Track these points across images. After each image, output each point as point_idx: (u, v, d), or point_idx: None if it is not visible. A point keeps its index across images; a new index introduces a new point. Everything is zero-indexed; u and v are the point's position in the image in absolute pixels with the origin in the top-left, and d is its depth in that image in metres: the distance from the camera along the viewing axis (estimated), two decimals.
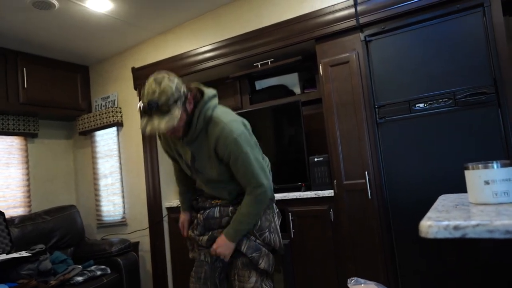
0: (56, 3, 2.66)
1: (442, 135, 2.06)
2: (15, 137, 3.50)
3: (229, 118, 1.55)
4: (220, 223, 1.70)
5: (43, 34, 3.12)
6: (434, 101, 2.08)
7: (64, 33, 3.14)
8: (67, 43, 3.35)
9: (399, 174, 2.18)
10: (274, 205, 1.81)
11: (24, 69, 3.28)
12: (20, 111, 3.33)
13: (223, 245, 1.63)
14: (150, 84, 1.44)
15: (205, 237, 1.72)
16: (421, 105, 2.12)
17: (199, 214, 1.78)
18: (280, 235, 1.78)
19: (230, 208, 1.69)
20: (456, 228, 0.72)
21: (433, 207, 1.01)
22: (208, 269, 1.76)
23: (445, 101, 2.06)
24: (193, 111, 1.53)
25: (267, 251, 1.70)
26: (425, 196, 2.08)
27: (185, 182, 1.92)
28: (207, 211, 1.73)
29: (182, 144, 1.64)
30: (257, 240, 1.67)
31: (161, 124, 1.40)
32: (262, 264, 1.66)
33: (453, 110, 2.04)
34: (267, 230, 1.70)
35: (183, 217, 1.92)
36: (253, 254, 1.65)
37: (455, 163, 2.01)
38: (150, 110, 1.41)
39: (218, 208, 1.71)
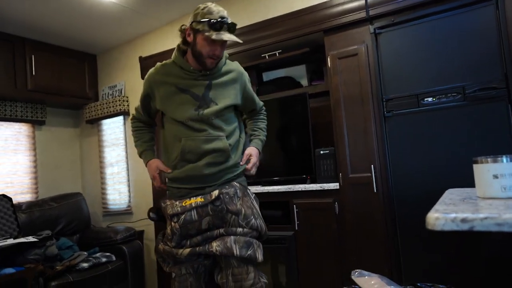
0: None
1: (451, 130, 2.04)
2: (23, 123, 3.53)
3: None
4: (199, 226, 1.57)
5: (51, 21, 3.12)
6: (443, 96, 2.06)
7: (72, 20, 3.15)
8: (75, 31, 3.35)
9: (405, 169, 2.17)
10: (249, 190, 1.77)
11: (32, 56, 3.30)
12: (28, 98, 3.36)
13: (258, 156, 1.77)
14: (216, 5, 1.55)
15: (186, 250, 1.56)
16: (430, 99, 2.10)
17: (172, 223, 1.57)
18: (263, 219, 1.73)
19: (210, 206, 1.56)
20: (464, 220, 0.71)
21: (440, 200, 1.00)
22: (193, 280, 1.63)
23: (454, 95, 2.03)
24: None
25: (257, 242, 1.64)
26: (431, 190, 2.06)
27: (147, 132, 1.86)
28: (182, 216, 1.55)
29: (195, 77, 1.62)
30: (245, 229, 1.59)
31: (237, 39, 1.56)
32: (260, 257, 1.61)
33: (462, 105, 2.01)
34: (252, 216, 1.64)
35: (155, 162, 1.74)
36: (249, 252, 1.57)
37: (463, 158, 1.99)
38: (232, 25, 1.54)
39: (194, 211, 1.56)
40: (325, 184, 2.44)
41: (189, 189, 1.64)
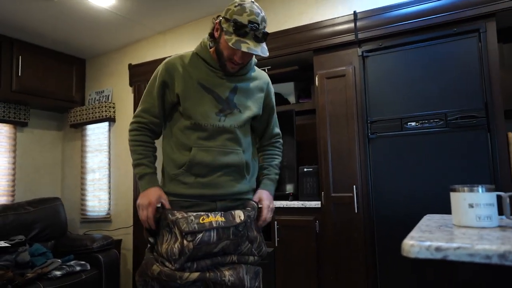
0: None
1: (432, 155, 2.08)
2: (4, 124, 3.45)
3: None
4: (212, 249, 1.31)
5: (42, 24, 3.10)
6: (426, 121, 2.11)
7: (64, 24, 3.12)
8: (65, 35, 3.33)
9: (386, 190, 2.19)
10: None
11: (20, 56, 3.25)
12: (12, 99, 3.29)
13: (270, 199, 1.50)
14: (252, 5, 1.32)
15: (195, 275, 1.28)
16: (413, 123, 2.15)
17: (185, 241, 1.26)
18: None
19: (232, 229, 1.32)
20: (437, 249, 0.72)
21: (417, 226, 1.02)
22: None
23: (436, 121, 2.08)
24: None
25: (260, 269, 1.49)
26: (410, 214, 2.09)
27: (153, 146, 1.50)
28: (199, 235, 1.26)
29: (220, 76, 1.42)
30: (255, 257, 1.44)
31: (265, 51, 1.34)
32: (261, 286, 1.47)
33: (443, 131, 2.06)
34: (262, 243, 1.49)
35: (159, 192, 1.39)
36: (256, 284, 1.41)
37: (442, 183, 2.03)
38: (262, 34, 1.31)
39: (214, 232, 1.29)
40: (307, 202, 2.45)
41: (196, 201, 1.40)
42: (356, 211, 2.26)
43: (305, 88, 2.96)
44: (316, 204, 2.40)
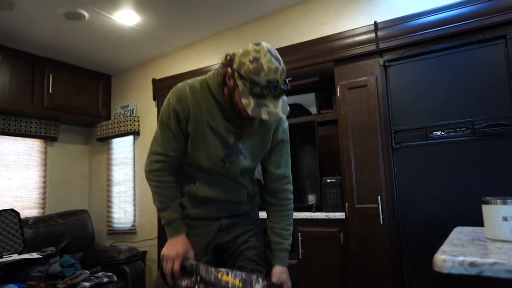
0: (86, 15, 2.76)
1: (459, 165, 2.03)
2: (36, 139, 3.59)
3: None
4: None
5: (72, 43, 3.24)
6: (452, 130, 2.07)
7: (91, 43, 3.26)
8: (93, 53, 3.47)
9: (413, 202, 2.15)
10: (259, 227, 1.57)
11: (51, 75, 3.40)
12: (43, 115, 3.44)
13: (288, 276, 1.40)
14: (271, 59, 1.14)
15: None
16: (438, 133, 2.11)
17: (196, 286, 1.25)
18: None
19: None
20: (472, 264, 0.71)
21: (448, 240, 1.00)
22: None
23: (463, 130, 2.04)
24: None
25: None
26: (439, 226, 2.04)
27: (177, 186, 1.40)
28: None
29: (230, 118, 1.31)
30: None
31: (285, 108, 1.19)
32: None
33: (471, 140, 2.01)
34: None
35: (177, 248, 1.31)
36: None
37: (472, 194, 1.97)
38: (281, 91, 1.16)
39: None
40: (330, 213, 2.43)
41: (201, 222, 1.42)
42: (381, 222, 2.22)
43: (326, 99, 2.96)
44: (340, 215, 2.38)
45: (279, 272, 1.40)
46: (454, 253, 0.77)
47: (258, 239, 1.51)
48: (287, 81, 1.19)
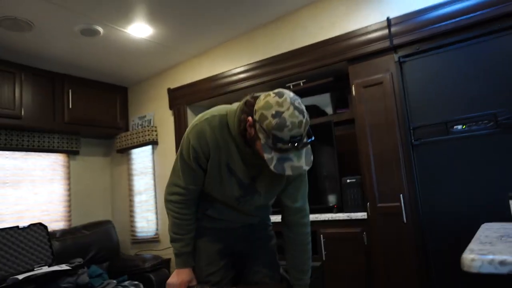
0: (101, 30, 2.84)
1: (483, 159, 1.98)
2: (59, 154, 3.70)
3: None
4: None
5: (88, 58, 3.33)
6: (474, 123, 2.02)
7: (107, 56, 3.34)
8: (109, 66, 3.55)
9: (436, 198, 2.10)
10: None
11: (70, 90, 3.50)
12: (64, 130, 3.54)
13: None
14: (293, 112, 1.08)
15: None
16: (459, 127, 2.06)
17: None
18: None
19: None
20: (502, 263, 0.69)
21: (475, 237, 0.97)
22: None
23: (485, 123, 1.98)
24: None
25: None
26: (465, 222, 1.99)
27: (194, 217, 1.42)
28: None
29: (248, 159, 1.29)
30: None
31: (308, 160, 1.15)
32: None
33: (494, 133, 1.96)
34: None
35: (188, 275, 1.38)
36: None
37: (497, 189, 1.91)
38: (304, 144, 1.12)
39: None
40: (352, 214, 2.40)
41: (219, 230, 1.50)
42: (405, 221, 2.18)
43: (341, 98, 2.94)
44: (362, 215, 2.35)
45: None
46: (483, 251, 0.75)
47: (272, 244, 1.57)
48: (310, 131, 1.14)
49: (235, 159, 1.27)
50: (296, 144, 1.09)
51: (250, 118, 1.15)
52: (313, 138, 1.14)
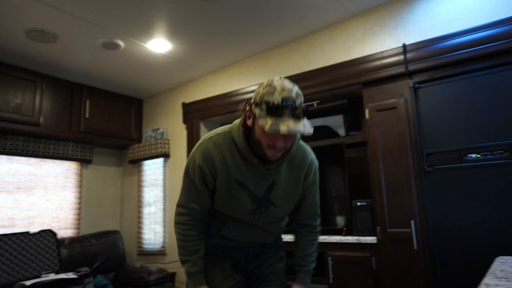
0: (122, 44, 2.93)
1: (497, 189, 1.96)
2: (72, 162, 3.76)
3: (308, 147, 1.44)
4: None
5: (107, 70, 3.42)
6: (489, 152, 2.01)
7: (125, 70, 3.43)
8: (127, 79, 3.64)
9: (448, 227, 2.08)
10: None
11: (87, 100, 3.59)
12: (80, 139, 3.61)
13: None
14: (283, 82, 1.15)
15: None
16: (474, 155, 2.05)
17: None
18: None
19: None
20: None
21: (490, 271, 0.96)
22: None
23: (500, 153, 1.97)
24: None
25: None
26: (477, 254, 1.95)
27: (201, 237, 1.41)
28: None
29: (258, 171, 1.27)
30: None
31: (306, 127, 1.13)
32: None
33: (509, 163, 1.94)
34: None
35: None
36: None
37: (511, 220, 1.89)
38: (301, 111, 1.13)
39: None
40: (361, 237, 2.38)
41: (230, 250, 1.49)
42: (415, 247, 2.15)
43: (354, 121, 2.95)
44: (371, 239, 2.33)
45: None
46: (499, 287, 0.75)
47: (282, 266, 1.56)
48: (305, 107, 1.16)
49: (245, 172, 1.27)
50: (289, 108, 1.10)
51: (247, 109, 1.21)
52: (307, 106, 1.16)
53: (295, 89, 1.15)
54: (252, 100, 1.18)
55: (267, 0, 2.48)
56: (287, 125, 1.08)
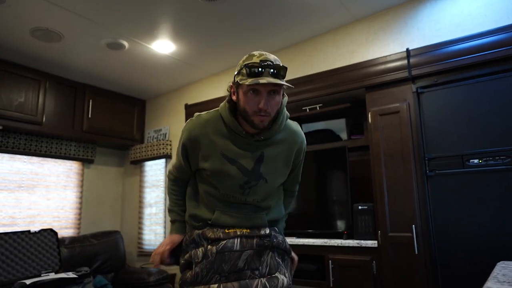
0: (127, 45, 2.94)
1: (499, 195, 1.96)
2: (74, 161, 3.77)
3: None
4: (236, 261, 1.27)
5: (111, 70, 3.43)
6: (490, 158, 2.01)
7: (129, 70, 3.44)
8: (130, 79, 3.65)
9: (449, 231, 2.07)
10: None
11: (90, 100, 3.60)
12: (82, 139, 3.62)
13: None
14: (261, 51, 1.25)
15: (214, 286, 1.24)
16: (476, 161, 2.05)
17: (209, 246, 1.29)
18: None
19: (255, 240, 1.32)
20: None
21: (492, 275, 0.96)
22: None
23: (502, 158, 1.97)
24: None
25: None
26: (479, 259, 1.95)
27: (182, 194, 1.50)
28: (223, 242, 1.28)
29: (247, 143, 1.32)
30: (286, 275, 1.37)
31: (287, 83, 1.22)
32: None
33: (511, 169, 1.94)
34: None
35: (173, 239, 1.43)
36: None
37: None
38: (281, 71, 1.20)
39: (238, 240, 1.30)
40: (362, 241, 2.37)
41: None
42: (416, 252, 2.15)
43: (356, 124, 2.95)
44: (372, 243, 2.32)
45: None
46: None
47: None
48: (284, 71, 1.22)
49: (233, 147, 1.32)
50: (268, 68, 1.18)
51: (232, 85, 1.29)
52: (286, 67, 1.22)
53: (274, 56, 1.24)
54: (234, 74, 1.27)
55: (271, 3, 2.49)
56: (266, 79, 1.16)
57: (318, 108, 2.87)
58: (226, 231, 1.31)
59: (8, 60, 3.08)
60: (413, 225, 2.19)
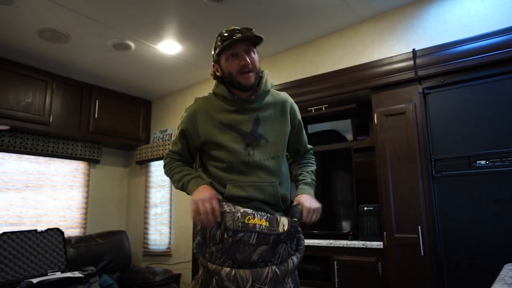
0: (133, 45, 2.96)
1: (506, 196, 1.94)
2: (81, 161, 3.80)
3: None
4: (251, 254, 1.28)
5: (117, 71, 3.46)
6: (498, 159, 1.99)
7: (135, 71, 3.46)
8: (136, 80, 3.67)
9: (456, 233, 2.06)
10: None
11: (97, 101, 3.62)
12: (88, 139, 3.64)
13: (314, 202, 1.41)
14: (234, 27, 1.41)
15: (227, 270, 1.25)
16: (483, 162, 2.04)
17: (225, 235, 1.26)
18: None
19: (273, 236, 1.28)
20: None
21: (499, 278, 0.95)
22: None
23: (510, 160, 1.96)
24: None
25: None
26: (486, 261, 1.94)
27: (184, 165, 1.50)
28: (240, 234, 1.25)
29: (242, 108, 1.40)
30: (295, 258, 1.37)
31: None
32: None
33: None
34: (302, 240, 1.50)
35: (207, 190, 1.32)
36: None
37: None
38: (246, 30, 1.37)
39: (255, 235, 1.26)
40: (368, 242, 2.37)
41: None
42: (422, 253, 2.14)
43: (362, 125, 2.94)
44: (378, 244, 2.32)
45: (299, 197, 1.45)
46: None
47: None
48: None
49: (228, 114, 1.41)
50: (240, 31, 1.34)
51: (212, 64, 1.45)
52: (259, 36, 1.38)
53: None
54: (212, 53, 1.44)
55: (276, 3, 2.49)
56: (239, 35, 1.33)
57: (323, 109, 2.87)
58: (246, 221, 1.24)
59: (15, 61, 3.11)
60: (419, 227, 2.17)
